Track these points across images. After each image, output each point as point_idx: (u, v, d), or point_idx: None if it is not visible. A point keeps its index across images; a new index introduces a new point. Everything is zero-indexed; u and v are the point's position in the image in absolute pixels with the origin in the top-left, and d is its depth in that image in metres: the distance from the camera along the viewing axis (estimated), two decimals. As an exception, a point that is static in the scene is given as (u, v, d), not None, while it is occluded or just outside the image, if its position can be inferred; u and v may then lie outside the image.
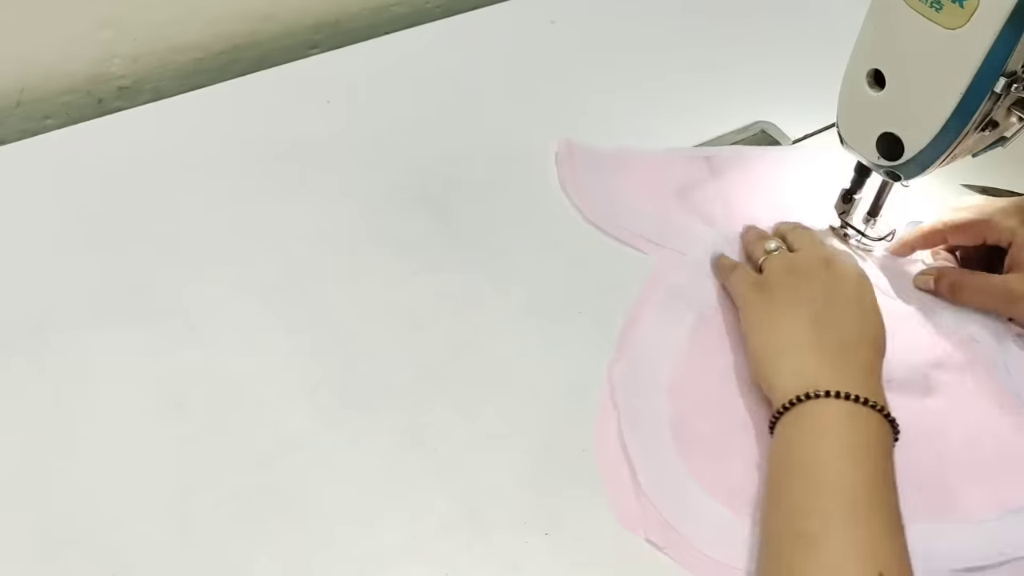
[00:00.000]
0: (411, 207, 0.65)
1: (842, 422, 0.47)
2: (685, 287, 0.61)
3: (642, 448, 0.52)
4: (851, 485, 0.45)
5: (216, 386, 0.54)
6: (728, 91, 0.77)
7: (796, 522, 0.44)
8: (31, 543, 0.46)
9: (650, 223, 0.65)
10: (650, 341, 0.57)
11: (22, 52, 0.70)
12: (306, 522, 0.48)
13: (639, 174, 0.69)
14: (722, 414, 0.54)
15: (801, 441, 0.48)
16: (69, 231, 0.62)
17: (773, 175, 0.70)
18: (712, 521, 0.49)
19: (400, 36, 0.82)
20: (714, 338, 0.58)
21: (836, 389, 0.48)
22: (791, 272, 0.56)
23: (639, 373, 0.56)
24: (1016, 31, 0.47)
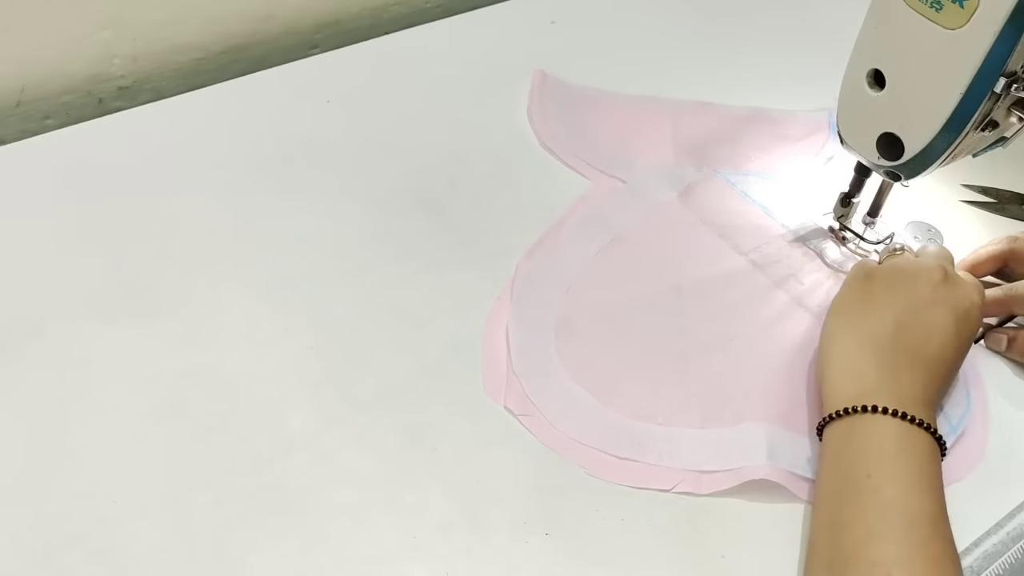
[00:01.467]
0: (411, 207, 0.65)
1: (898, 443, 0.46)
2: (612, 211, 0.65)
3: (523, 334, 0.57)
4: (918, 515, 0.44)
5: (216, 386, 0.54)
6: (728, 91, 0.77)
7: (864, 549, 0.43)
8: (31, 543, 0.46)
9: (599, 152, 0.70)
10: (563, 248, 0.62)
11: (22, 52, 0.70)
12: (306, 522, 0.48)
13: (603, 109, 0.74)
14: (606, 319, 0.58)
15: (862, 460, 0.46)
16: (69, 231, 0.62)
17: (739, 132, 0.73)
18: (572, 402, 0.54)
19: (400, 36, 0.82)
20: (621, 257, 0.62)
21: (891, 406, 0.47)
22: (903, 271, 0.54)
23: (543, 272, 0.60)
24: (1016, 31, 0.47)
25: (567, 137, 0.70)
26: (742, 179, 0.68)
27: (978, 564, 0.49)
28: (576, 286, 0.60)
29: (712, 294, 0.60)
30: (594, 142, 0.71)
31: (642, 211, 0.65)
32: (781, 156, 0.71)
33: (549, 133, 0.71)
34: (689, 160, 0.70)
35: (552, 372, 0.55)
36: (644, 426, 0.53)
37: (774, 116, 0.74)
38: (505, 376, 0.55)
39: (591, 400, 0.54)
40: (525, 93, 0.76)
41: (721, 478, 0.51)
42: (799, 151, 0.71)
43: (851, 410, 0.48)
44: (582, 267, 0.61)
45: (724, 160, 0.70)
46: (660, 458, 0.51)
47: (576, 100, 0.74)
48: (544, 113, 0.72)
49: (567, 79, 0.76)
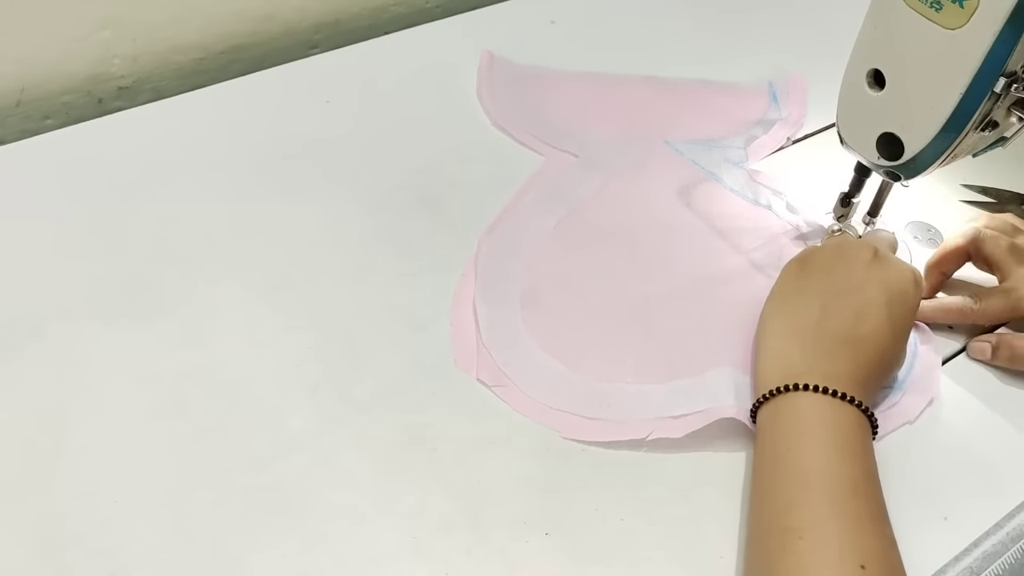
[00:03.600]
0: (411, 207, 0.65)
1: (820, 416, 0.47)
2: (567, 185, 0.67)
3: (490, 307, 0.58)
4: (835, 479, 0.45)
5: (216, 386, 0.54)
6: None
7: (781, 517, 0.44)
8: (31, 543, 0.46)
9: (550, 128, 0.71)
10: (522, 223, 0.63)
11: (22, 52, 0.70)
12: (306, 522, 0.48)
13: (552, 87, 0.75)
14: (569, 289, 0.60)
15: (783, 434, 0.48)
16: (69, 231, 0.62)
17: (684, 103, 0.75)
18: (542, 370, 0.55)
19: (400, 36, 0.82)
20: (579, 229, 0.64)
21: (817, 383, 0.48)
22: (837, 255, 0.54)
23: (505, 247, 0.62)
24: (1016, 31, 0.47)
25: (518, 115, 0.72)
26: (689, 147, 0.70)
27: (978, 564, 0.49)
28: (538, 259, 0.61)
29: (669, 257, 0.62)
30: (544, 119, 0.72)
31: (595, 183, 0.67)
32: (724, 123, 0.73)
33: (500, 112, 0.72)
34: (638, 132, 0.72)
35: (521, 343, 0.56)
36: (613, 386, 0.54)
37: (717, 87, 0.77)
38: (475, 349, 0.56)
39: (560, 367, 0.55)
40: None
41: (692, 420, 0.52)
42: (740, 118, 0.74)
43: (777, 391, 0.49)
44: (543, 240, 0.62)
45: (671, 130, 0.72)
46: (631, 413, 0.53)
47: (525, 79, 0.76)
48: (493, 92, 0.74)
49: (516, 60, 0.77)
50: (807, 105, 0.75)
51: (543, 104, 0.74)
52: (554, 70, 0.77)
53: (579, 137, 0.71)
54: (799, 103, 0.75)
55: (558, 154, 0.69)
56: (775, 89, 0.76)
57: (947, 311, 0.59)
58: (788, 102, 0.75)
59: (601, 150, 0.69)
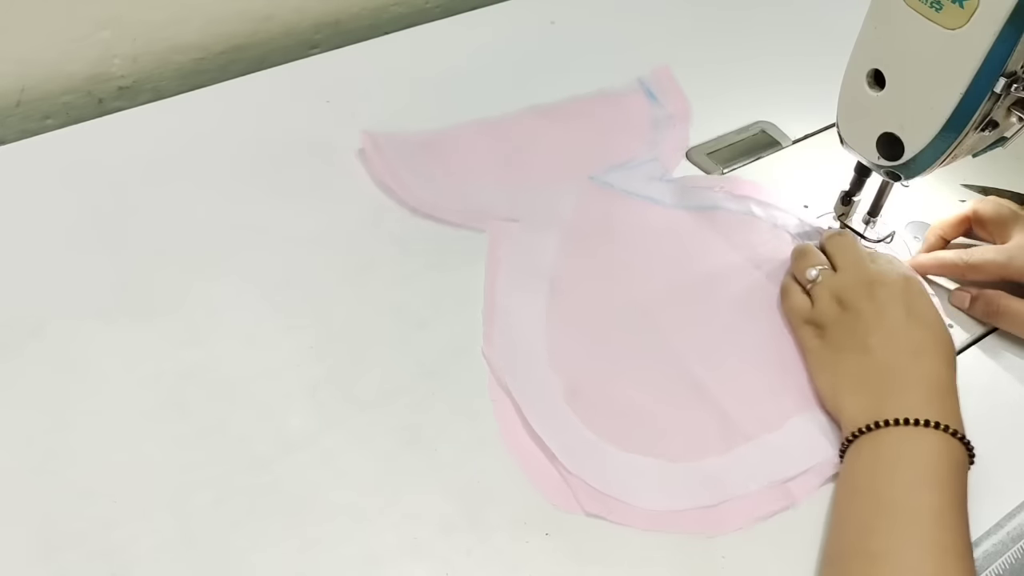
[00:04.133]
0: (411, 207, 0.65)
1: (901, 448, 0.47)
2: (529, 258, 0.62)
3: (547, 426, 0.52)
4: (917, 507, 0.44)
5: (216, 386, 0.54)
6: (728, 91, 0.77)
7: (861, 541, 0.44)
8: (31, 543, 0.46)
9: (473, 197, 0.66)
10: (515, 318, 0.58)
11: (22, 52, 0.70)
12: (306, 522, 0.48)
13: (446, 149, 0.69)
14: (604, 375, 0.55)
15: (864, 468, 0.48)
16: (69, 231, 0.62)
17: (576, 129, 0.72)
18: (641, 473, 0.51)
19: (400, 36, 0.82)
20: (572, 303, 0.59)
21: (893, 416, 0.47)
22: (840, 305, 0.54)
23: (517, 352, 0.56)
24: (1016, 31, 0.47)
25: (435, 196, 0.65)
26: (614, 177, 0.68)
27: (978, 564, 0.49)
28: (556, 355, 0.56)
29: (688, 301, 0.60)
30: (462, 190, 0.66)
31: (554, 246, 0.62)
32: (624, 137, 0.72)
33: (416, 198, 0.65)
34: (555, 174, 0.67)
35: (604, 454, 0.51)
36: (711, 461, 0.51)
37: (593, 100, 0.75)
38: (563, 481, 0.50)
39: (654, 462, 0.51)
40: (526, 93, 0.76)
41: (809, 480, 0.51)
42: (634, 126, 0.73)
43: (860, 432, 0.49)
44: (545, 330, 0.57)
45: (583, 162, 0.69)
46: (746, 485, 0.50)
47: (416, 151, 0.68)
48: (398, 178, 0.66)
49: (392, 129, 0.69)
50: (684, 92, 0.75)
51: (450, 174, 0.67)
52: (437, 130, 0.70)
53: (506, 198, 0.65)
54: (676, 93, 0.75)
55: (498, 225, 0.63)
56: (648, 86, 0.76)
57: (942, 264, 0.60)
58: (666, 95, 0.75)
59: (536, 206, 0.65)
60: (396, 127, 0.72)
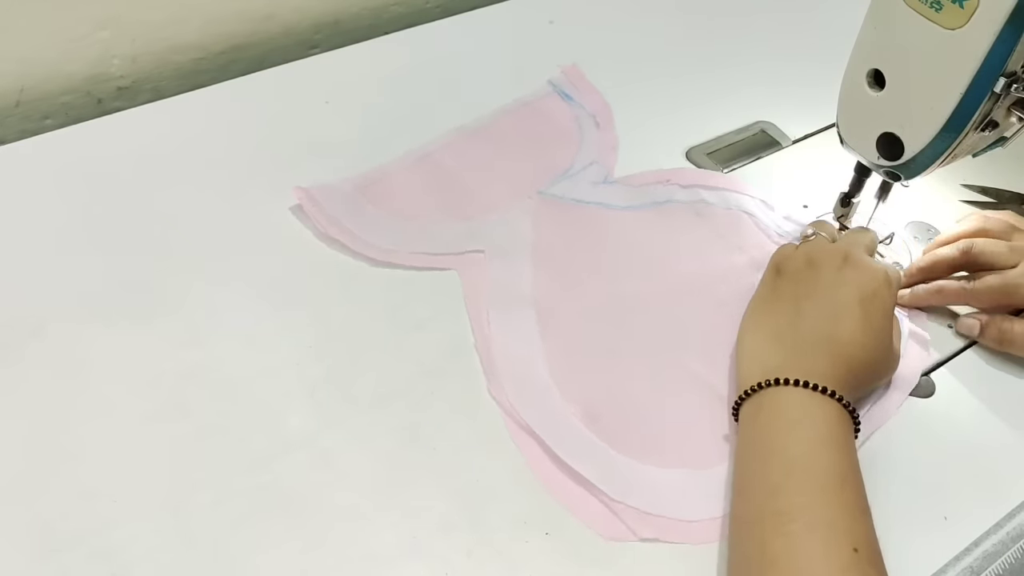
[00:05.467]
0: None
1: (803, 409, 0.48)
2: (506, 287, 0.60)
3: (579, 457, 0.51)
4: (823, 468, 0.45)
5: (216, 386, 0.54)
6: (728, 91, 0.77)
7: (771, 501, 0.45)
8: (30, 543, 0.46)
9: (436, 237, 0.63)
10: (514, 354, 0.56)
11: (22, 52, 0.70)
12: (306, 522, 0.48)
13: (390, 192, 0.66)
14: (615, 391, 0.55)
15: (766, 427, 0.48)
16: (69, 231, 0.62)
17: (512, 145, 0.71)
18: (676, 487, 0.50)
19: (400, 36, 0.82)
20: (562, 325, 0.58)
21: (796, 377, 0.48)
22: (808, 263, 0.55)
23: (525, 389, 0.54)
24: (1016, 31, 0.47)
25: (393, 241, 0.62)
26: (560, 188, 0.67)
27: (978, 564, 0.49)
28: (565, 381, 0.55)
29: (671, 300, 0.60)
30: (420, 231, 0.63)
31: (527, 271, 0.61)
32: (555, 146, 0.70)
33: (371, 248, 0.61)
34: (502, 194, 0.66)
35: (645, 475, 0.51)
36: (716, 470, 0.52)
37: (514, 111, 0.73)
38: (607, 510, 0.49)
39: (687, 473, 0.51)
40: (525, 94, 0.76)
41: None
42: (561, 132, 0.72)
43: (758, 387, 0.49)
44: (546, 358, 0.56)
45: (525, 178, 0.67)
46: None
47: (355, 199, 0.64)
48: (346, 231, 0.62)
49: (327, 180, 0.65)
50: (595, 86, 0.74)
51: (396, 215, 0.64)
52: (368, 172, 0.67)
53: (464, 231, 0.63)
54: (589, 89, 0.75)
55: (465, 260, 0.61)
56: (561, 88, 0.75)
57: (943, 292, 0.59)
58: (581, 94, 0.74)
59: (494, 233, 0.63)
60: (396, 127, 0.72)
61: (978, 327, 0.58)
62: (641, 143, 0.72)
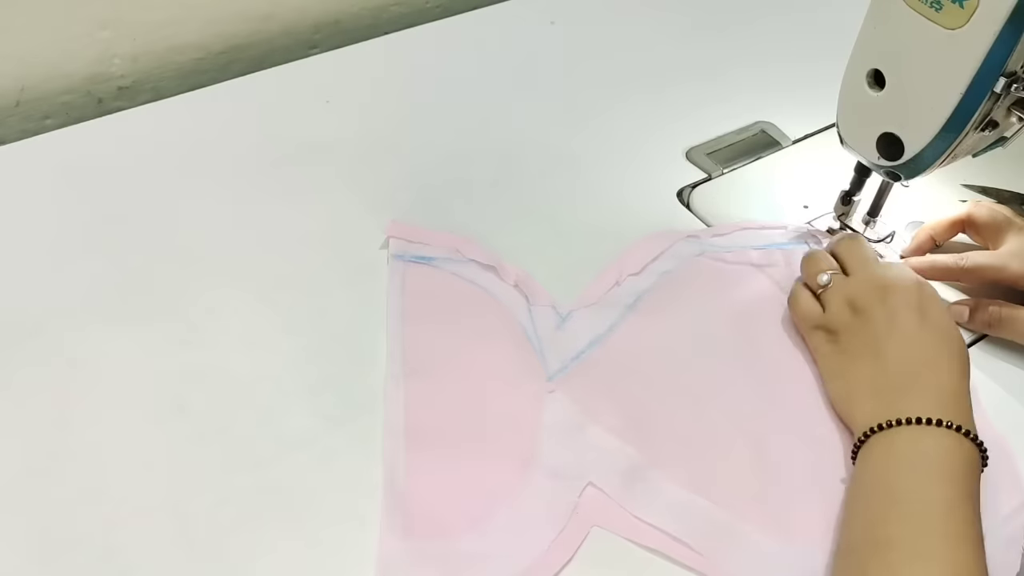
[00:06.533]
0: (411, 207, 0.65)
1: (913, 446, 0.47)
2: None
3: (634, 499, 0.50)
4: (929, 499, 0.45)
5: (216, 386, 0.54)
6: (728, 91, 0.77)
7: (872, 530, 0.44)
8: (31, 543, 0.46)
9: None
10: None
11: (22, 52, 0.70)
12: (306, 522, 0.48)
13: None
14: (637, 414, 0.54)
15: (876, 465, 0.48)
16: (69, 231, 0.62)
17: None
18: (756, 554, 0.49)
19: (400, 36, 0.82)
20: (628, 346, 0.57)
21: (906, 416, 0.47)
22: (852, 310, 0.54)
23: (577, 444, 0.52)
24: (1016, 31, 0.47)
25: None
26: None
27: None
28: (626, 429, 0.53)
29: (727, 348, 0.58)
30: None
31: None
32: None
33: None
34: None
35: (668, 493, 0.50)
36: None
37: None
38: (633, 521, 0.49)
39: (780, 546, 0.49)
40: (526, 94, 0.76)
41: None
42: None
43: (870, 432, 0.49)
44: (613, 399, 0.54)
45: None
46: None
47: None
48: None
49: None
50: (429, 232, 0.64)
51: None
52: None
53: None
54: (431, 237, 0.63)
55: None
56: (409, 256, 0.62)
57: (936, 267, 0.60)
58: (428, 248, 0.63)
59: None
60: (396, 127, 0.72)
61: (967, 312, 0.58)
62: (641, 143, 0.72)
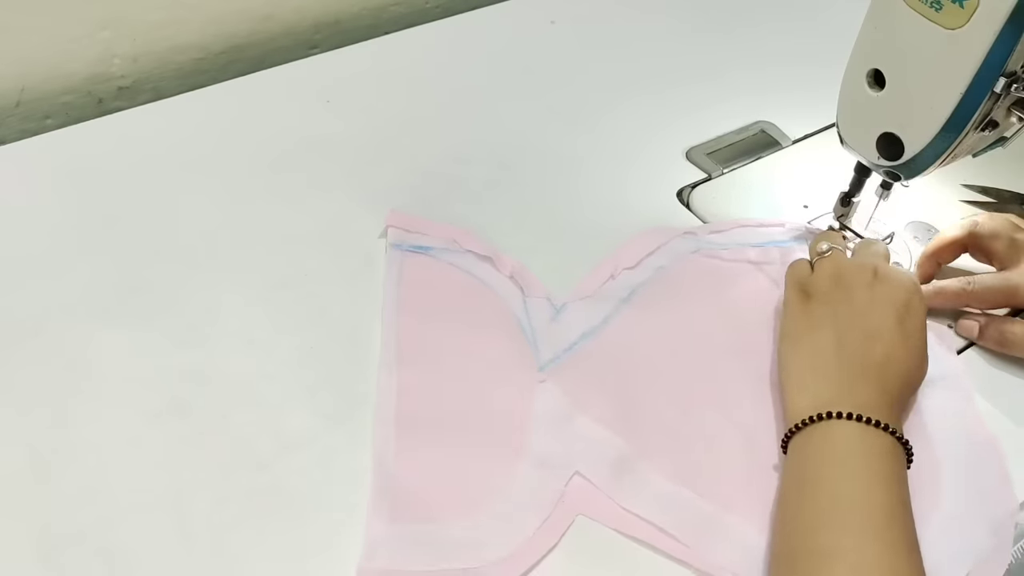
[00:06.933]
0: (411, 207, 0.65)
1: (853, 444, 0.46)
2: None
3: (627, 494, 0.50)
4: (867, 503, 0.44)
5: (216, 386, 0.54)
6: (728, 91, 0.77)
7: (810, 538, 0.44)
8: (31, 543, 0.46)
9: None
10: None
11: (22, 52, 0.70)
12: (306, 522, 0.48)
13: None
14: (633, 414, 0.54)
15: (814, 460, 0.47)
16: (69, 231, 0.62)
17: None
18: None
19: (400, 36, 0.82)
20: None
21: (849, 411, 0.47)
22: (836, 282, 0.53)
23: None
24: (1016, 31, 0.47)
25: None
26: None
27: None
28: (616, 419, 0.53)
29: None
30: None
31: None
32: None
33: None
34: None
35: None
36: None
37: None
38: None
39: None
40: (525, 93, 0.76)
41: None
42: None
43: (809, 420, 0.48)
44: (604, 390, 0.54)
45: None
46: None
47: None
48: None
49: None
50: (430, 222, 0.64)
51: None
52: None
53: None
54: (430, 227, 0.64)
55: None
56: (410, 245, 0.62)
57: (943, 294, 0.59)
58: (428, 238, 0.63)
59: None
60: (396, 127, 0.72)
61: (977, 328, 0.57)
62: (641, 143, 0.72)
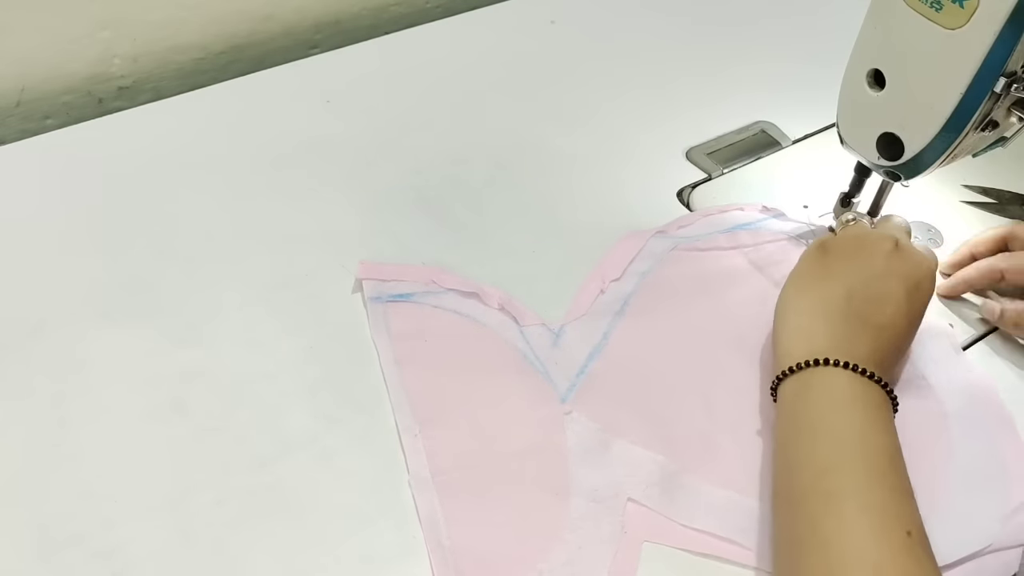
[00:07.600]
0: (411, 207, 0.65)
1: (856, 392, 0.47)
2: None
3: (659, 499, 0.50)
4: (873, 450, 0.45)
5: (216, 386, 0.54)
6: (728, 91, 0.77)
7: (819, 480, 0.44)
8: (31, 543, 0.46)
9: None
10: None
11: (22, 52, 0.70)
12: (306, 522, 0.48)
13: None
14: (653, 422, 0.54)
15: (817, 406, 0.48)
16: (69, 231, 0.62)
17: None
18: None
19: (400, 36, 0.82)
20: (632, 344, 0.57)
21: (845, 360, 0.48)
22: (858, 244, 0.54)
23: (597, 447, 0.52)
24: (1016, 31, 0.47)
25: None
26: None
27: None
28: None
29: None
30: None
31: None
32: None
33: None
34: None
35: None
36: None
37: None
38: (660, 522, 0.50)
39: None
40: (525, 93, 0.76)
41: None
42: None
43: (804, 364, 0.49)
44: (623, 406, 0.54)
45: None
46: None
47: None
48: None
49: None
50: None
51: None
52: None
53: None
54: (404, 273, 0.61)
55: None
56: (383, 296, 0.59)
57: (980, 270, 0.59)
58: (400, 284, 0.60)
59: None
60: (396, 127, 0.72)
61: (999, 311, 0.58)
62: (641, 143, 0.72)
